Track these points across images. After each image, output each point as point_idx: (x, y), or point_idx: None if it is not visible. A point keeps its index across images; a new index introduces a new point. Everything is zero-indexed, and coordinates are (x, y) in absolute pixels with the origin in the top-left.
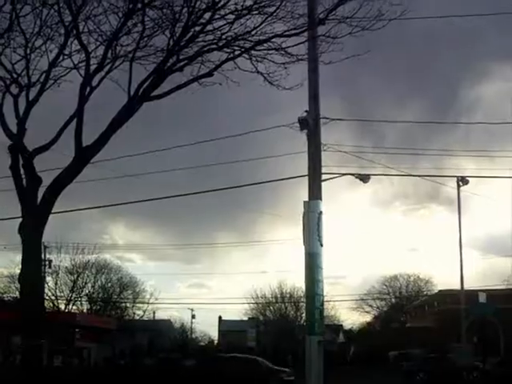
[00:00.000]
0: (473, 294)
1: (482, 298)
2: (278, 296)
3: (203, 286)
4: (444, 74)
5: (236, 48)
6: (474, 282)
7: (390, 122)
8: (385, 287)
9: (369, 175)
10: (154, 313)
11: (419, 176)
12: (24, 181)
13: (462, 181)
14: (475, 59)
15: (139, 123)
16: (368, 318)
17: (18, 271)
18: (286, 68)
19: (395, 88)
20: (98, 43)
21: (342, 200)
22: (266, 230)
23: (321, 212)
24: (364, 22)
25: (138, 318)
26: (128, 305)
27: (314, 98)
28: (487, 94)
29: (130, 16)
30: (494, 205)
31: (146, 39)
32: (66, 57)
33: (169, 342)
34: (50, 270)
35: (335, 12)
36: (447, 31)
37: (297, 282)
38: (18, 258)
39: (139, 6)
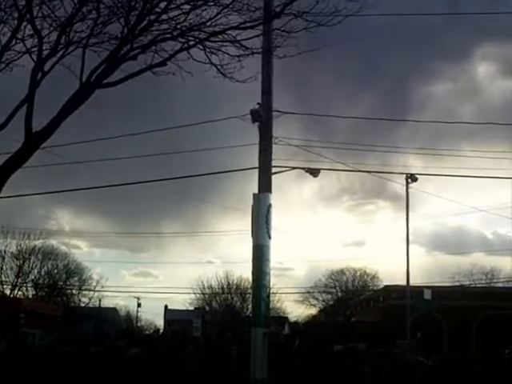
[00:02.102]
0: (418, 290)
1: (427, 295)
2: (225, 287)
3: (149, 274)
4: (395, 71)
5: (190, 38)
6: (419, 278)
7: (340, 118)
8: (331, 281)
9: (319, 169)
10: (99, 300)
11: (368, 172)
12: None
13: (411, 178)
14: (426, 58)
15: (90, 110)
16: (314, 311)
17: None
18: (240, 61)
19: (346, 84)
20: (52, 28)
21: (290, 193)
22: (214, 221)
23: (270, 205)
24: (320, 18)
25: (83, 305)
26: (74, 292)
27: (267, 91)
28: (436, 93)
29: (85, 2)
30: (440, 203)
31: (100, 26)
32: (18, 41)
33: (114, 329)
34: None
35: (291, 6)
36: (400, 30)
37: (244, 273)
38: None
39: None
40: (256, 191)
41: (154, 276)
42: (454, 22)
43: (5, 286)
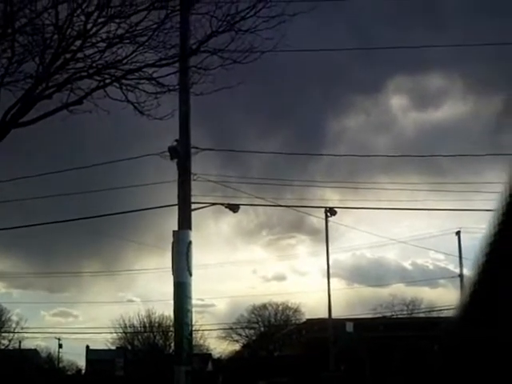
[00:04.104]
0: (340, 323)
1: (349, 327)
2: (147, 325)
3: (69, 314)
4: (309, 106)
5: (106, 76)
6: (341, 310)
7: (257, 153)
8: (254, 316)
9: (238, 205)
10: (19, 342)
11: (287, 206)
12: None
13: (330, 211)
14: (339, 92)
15: (6, 150)
16: (237, 346)
17: None
18: (156, 98)
19: (261, 119)
20: None
21: (209, 229)
22: (133, 259)
23: (190, 242)
24: (236, 55)
25: (3, 347)
26: None
27: (184, 128)
28: (351, 126)
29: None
30: (358, 235)
31: (15, 65)
32: None
33: (35, 371)
34: None
35: (207, 44)
36: (313, 65)
37: (165, 311)
38: None
39: (9, 31)
40: (176, 228)
41: (74, 316)
42: (365, 55)
43: None
